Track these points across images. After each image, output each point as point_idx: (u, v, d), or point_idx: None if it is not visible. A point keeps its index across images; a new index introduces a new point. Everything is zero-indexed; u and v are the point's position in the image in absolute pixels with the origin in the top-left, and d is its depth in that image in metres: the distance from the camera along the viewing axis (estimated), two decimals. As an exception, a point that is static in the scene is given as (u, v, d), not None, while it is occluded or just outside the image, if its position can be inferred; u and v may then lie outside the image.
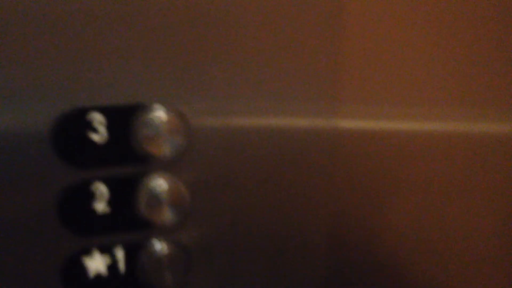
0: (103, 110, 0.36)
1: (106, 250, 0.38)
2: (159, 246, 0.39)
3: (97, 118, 0.36)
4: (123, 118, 0.37)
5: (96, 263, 0.38)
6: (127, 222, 0.38)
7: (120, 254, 0.39)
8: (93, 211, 0.37)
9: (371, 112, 0.40)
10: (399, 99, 0.41)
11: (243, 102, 0.39)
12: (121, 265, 0.39)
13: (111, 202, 0.38)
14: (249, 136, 0.39)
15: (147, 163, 0.38)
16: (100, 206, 0.37)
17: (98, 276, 0.38)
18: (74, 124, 0.36)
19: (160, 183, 0.38)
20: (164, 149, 0.37)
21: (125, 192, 0.38)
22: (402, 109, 0.41)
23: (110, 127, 0.37)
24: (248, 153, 0.39)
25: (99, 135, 0.37)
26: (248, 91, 0.39)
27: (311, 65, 0.39)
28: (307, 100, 0.39)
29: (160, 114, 0.37)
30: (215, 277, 0.41)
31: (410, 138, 0.41)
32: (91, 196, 0.37)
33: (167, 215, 0.38)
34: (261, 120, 0.39)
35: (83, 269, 0.38)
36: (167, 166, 0.38)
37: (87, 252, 0.38)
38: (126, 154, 0.37)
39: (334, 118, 0.40)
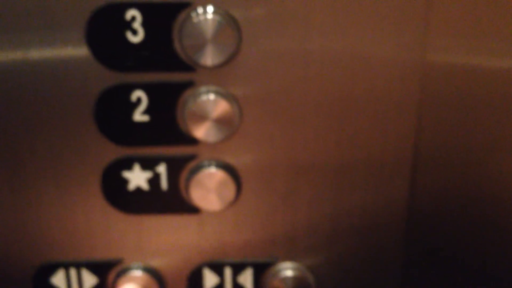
0: (140, 7, 0.32)
1: (148, 163, 0.35)
2: (206, 163, 0.35)
3: (135, 16, 0.32)
4: (163, 16, 0.32)
5: (137, 176, 0.35)
6: (170, 135, 0.34)
7: (162, 168, 0.35)
8: (132, 119, 0.34)
9: (461, 45, 0.33)
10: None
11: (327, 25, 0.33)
12: (163, 180, 0.35)
13: (151, 111, 0.34)
14: (327, 61, 0.33)
15: (191, 73, 0.33)
16: (139, 114, 0.34)
17: (139, 190, 0.35)
18: (111, 22, 0.32)
19: (206, 95, 0.33)
20: (210, 55, 0.32)
21: (166, 101, 0.34)
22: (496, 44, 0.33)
23: (148, 25, 0.32)
24: (325, 78, 0.33)
25: (137, 35, 0.32)
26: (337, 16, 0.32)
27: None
28: (396, 33, 0.33)
29: (205, 16, 0.32)
30: (267, 200, 0.36)
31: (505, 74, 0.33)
32: (130, 103, 0.34)
33: (212, 131, 0.34)
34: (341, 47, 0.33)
35: (123, 182, 0.35)
36: (215, 77, 0.33)
37: (128, 164, 0.35)
38: (167, 58, 0.33)
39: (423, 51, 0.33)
